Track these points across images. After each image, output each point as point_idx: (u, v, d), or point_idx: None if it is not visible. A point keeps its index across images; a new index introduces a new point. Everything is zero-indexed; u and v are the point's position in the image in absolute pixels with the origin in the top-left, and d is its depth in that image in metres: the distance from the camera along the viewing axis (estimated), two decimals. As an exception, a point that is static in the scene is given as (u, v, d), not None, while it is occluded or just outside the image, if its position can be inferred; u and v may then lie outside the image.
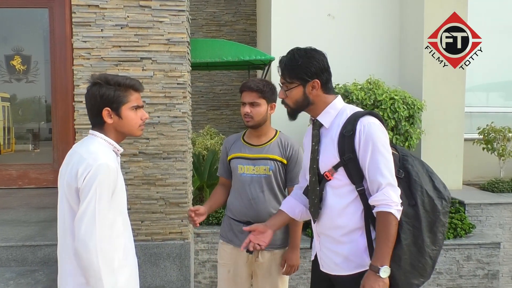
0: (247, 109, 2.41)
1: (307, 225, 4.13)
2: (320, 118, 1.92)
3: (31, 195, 5.65)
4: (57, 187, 1.92)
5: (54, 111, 6.03)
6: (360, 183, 1.82)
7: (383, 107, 3.89)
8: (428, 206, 1.83)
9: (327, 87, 1.92)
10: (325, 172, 1.88)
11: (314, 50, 1.93)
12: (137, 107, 1.94)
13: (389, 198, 1.72)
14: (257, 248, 2.07)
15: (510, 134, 4.85)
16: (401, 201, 1.75)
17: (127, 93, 1.90)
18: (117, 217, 1.86)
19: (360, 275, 1.82)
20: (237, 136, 2.62)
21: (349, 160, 1.81)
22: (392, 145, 1.94)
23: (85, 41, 3.24)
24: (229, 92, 6.75)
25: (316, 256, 2.06)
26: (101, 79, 1.88)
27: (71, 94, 6.02)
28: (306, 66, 1.86)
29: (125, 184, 3.20)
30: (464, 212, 4.13)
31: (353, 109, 1.91)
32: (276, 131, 2.58)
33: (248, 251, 2.36)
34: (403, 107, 3.92)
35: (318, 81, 1.87)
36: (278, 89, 2.04)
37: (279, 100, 2.08)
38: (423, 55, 4.61)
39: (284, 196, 2.51)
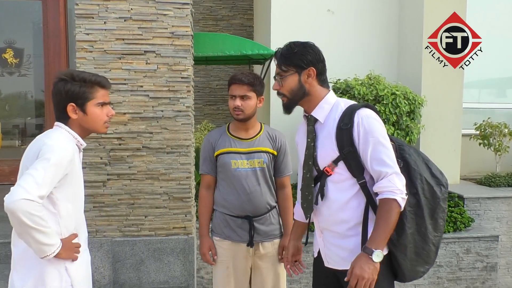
0: (237, 102, 2.40)
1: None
2: (315, 113, 1.92)
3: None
4: None
5: (48, 106, 5.95)
6: (361, 176, 1.82)
7: (384, 102, 3.91)
8: (428, 193, 1.85)
9: (322, 79, 1.93)
10: (325, 167, 1.87)
11: (312, 43, 1.95)
12: (103, 104, 1.94)
13: (394, 185, 1.72)
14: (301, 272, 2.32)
15: (506, 130, 4.92)
16: (406, 191, 1.76)
17: (93, 89, 1.90)
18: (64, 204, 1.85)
19: None
20: (221, 131, 2.58)
21: (349, 154, 1.81)
22: (388, 135, 1.95)
23: (87, 34, 3.19)
24: (225, 87, 6.66)
25: (319, 253, 2.05)
26: (67, 75, 1.89)
27: (65, 89, 5.95)
28: (302, 54, 1.88)
29: (128, 179, 3.28)
30: (463, 206, 4.19)
31: (347, 102, 1.91)
32: (261, 123, 2.60)
33: (248, 244, 2.45)
34: (404, 102, 3.94)
35: (314, 69, 1.87)
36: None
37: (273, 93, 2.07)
38: (422, 51, 4.64)
39: (274, 186, 2.57)
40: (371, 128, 1.78)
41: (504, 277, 4.36)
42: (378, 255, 1.71)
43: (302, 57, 1.87)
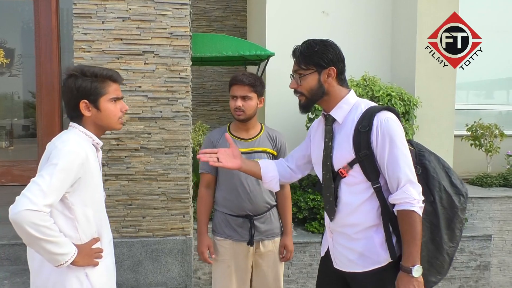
0: (239, 102, 2.42)
1: (305, 221, 4.16)
2: (333, 113, 1.87)
3: (16, 193, 5.42)
4: None
5: (39, 106, 5.88)
6: (376, 180, 1.78)
7: (380, 103, 3.95)
8: (446, 202, 1.81)
9: (342, 78, 1.88)
10: (339, 169, 1.83)
11: (331, 41, 1.90)
12: (116, 99, 1.87)
13: (410, 196, 1.68)
14: (215, 163, 1.99)
15: (497, 131, 5.01)
16: (422, 198, 1.72)
17: (104, 84, 1.83)
18: (81, 208, 1.77)
19: (377, 272, 1.80)
20: (222, 131, 2.59)
21: (365, 157, 1.76)
22: (408, 140, 1.88)
23: (85, 33, 3.17)
24: (219, 88, 6.72)
25: (327, 252, 2.04)
26: (77, 70, 1.81)
27: (57, 89, 5.89)
28: (323, 53, 1.82)
29: (126, 180, 3.26)
30: (457, 206, 4.24)
31: (368, 103, 1.86)
32: (261, 124, 2.62)
33: (249, 243, 2.47)
34: (400, 103, 3.99)
35: (335, 69, 1.82)
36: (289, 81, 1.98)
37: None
38: (416, 53, 4.69)
39: None
40: (390, 132, 1.72)
41: (496, 276, 4.43)
42: (418, 270, 1.68)
43: (323, 56, 1.82)
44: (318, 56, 1.82)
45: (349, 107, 1.85)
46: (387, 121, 1.74)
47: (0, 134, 6.21)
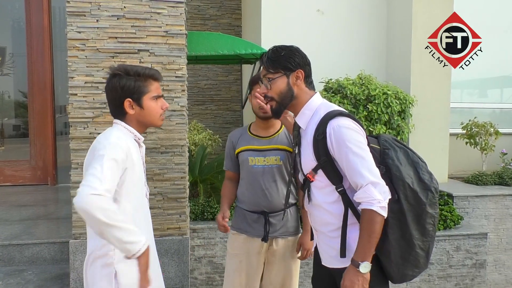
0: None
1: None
2: (297, 119, 1.94)
3: (8, 193, 5.43)
4: (34, 185, 1.88)
5: (31, 106, 5.81)
6: (339, 184, 1.83)
7: (376, 101, 3.95)
8: (412, 199, 1.81)
9: (309, 81, 1.95)
10: (307, 174, 1.91)
11: (296, 46, 1.97)
12: (158, 97, 1.93)
13: (370, 195, 1.71)
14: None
15: (492, 129, 5.03)
16: (389, 196, 1.74)
17: (147, 83, 1.89)
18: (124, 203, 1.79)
19: None
20: (243, 130, 2.65)
21: (325, 163, 1.82)
22: (375, 136, 1.97)
23: (79, 32, 3.13)
24: (213, 87, 6.69)
25: (316, 248, 2.12)
26: (121, 69, 1.86)
27: (49, 88, 5.83)
28: (290, 56, 1.89)
29: None
30: (453, 204, 4.25)
31: (327, 108, 1.88)
32: (281, 123, 2.62)
33: (263, 239, 2.48)
34: (396, 102, 3.99)
35: (302, 71, 1.89)
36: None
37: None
38: (411, 51, 4.70)
39: (294, 184, 2.57)
40: (343, 138, 1.76)
41: (492, 274, 4.45)
42: (366, 266, 1.72)
43: (290, 59, 1.88)
44: (285, 60, 1.89)
45: (311, 112, 1.91)
46: (339, 128, 1.78)
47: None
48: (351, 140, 1.75)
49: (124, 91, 1.84)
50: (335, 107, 1.91)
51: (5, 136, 6.20)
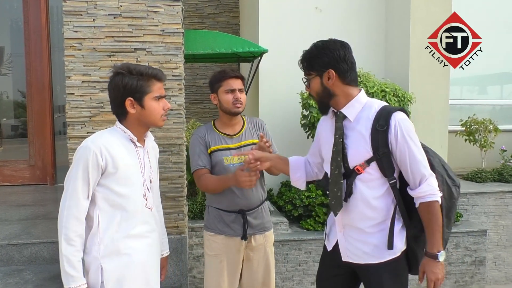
0: (239, 94, 2.48)
1: (299, 218, 4.14)
2: (345, 110, 1.92)
3: (7, 193, 5.43)
4: (33, 184, 1.96)
5: (30, 106, 5.80)
6: (392, 176, 1.87)
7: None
8: (447, 193, 1.92)
9: (346, 78, 1.91)
10: (355, 166, 1.89)
11: (333, 41, 1.95)
12: (160, 97, 1.92)
13: (434, 188, 1.81)
14: (257, 168, 2.20)
15: (491, 126, 5.01)
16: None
17: (149, 82, 1.88)
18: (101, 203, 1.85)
19: (391, 262, 1.90)
20: (208, 128, 2.61)
21: (384, 155, 1.84)
22: None
23: (76, 31, 3.12)
24: (212, 86, 6.67)
25: (335, 246, 2.08)
26: (124, 68, 1.86)
27: (47, 88, 5.82)
28: (318, 57, 1.90)
29: None
30: (452, 202, 4.24)
31: (381, 103, 1.93)
32: (241, 116, 2.66)
33: (242, 237, 2.49)
34: (394, 99, 3.98)
35: (333, 71, 1.88)
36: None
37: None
38: (409, 49, 4.69)
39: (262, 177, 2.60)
40: (408, 132, 1.82)
41: (492, 271, 4.45)
42: (443, 255, 1.83)
43: (318, 60, 1.90)
44: (315, 61, 1.92)
45: (360, 105, 1.91)
46: (404, 121, 1.83)
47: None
48: (414, 135, 1.84)
49: (126, 90, 1.84)
50: (387, 103, 1.98)
51: (4, 136, 6.19)
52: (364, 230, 1.94)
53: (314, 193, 4.04)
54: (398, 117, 1.83)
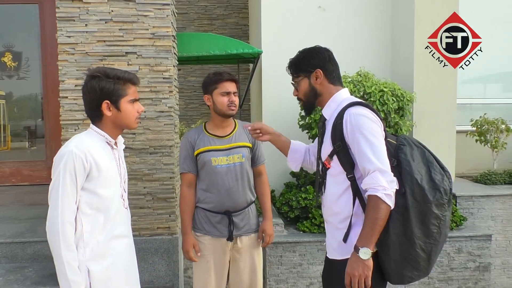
0: (234, 98, 2.52)
1: (297, 220, 4.11)
2: (323, 111, 2.05)
3: (24, 192, 5.64)
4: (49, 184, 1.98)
5: (46, 108, 6.01)
6: (351, 171, 1.89)
7: (372, 99, 3.86)
8: (419, 196, 1.80)
9: (332, 77, 2.02)
10: (324, 160, 2.00)
11: (317, 46, 2.08)
12: (134, 100, 1.99)
13: (376, 182, 1.75)
14: (257, 136, 2.30)
15: (503, 126, 4.82)
16: (396, 187, 1.78)
17: (125, 86, 1.94)
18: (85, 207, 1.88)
19: None
20: (199, 131, 2.66)
21: (340, 148, 1.90)
22: (395, 134, 2.10)
23: (69, 36, 3.22)
24: (209, 88, 6.73)
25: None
26: (100, 72, 1.92)
27: (63, 90, 6.01)
28: (307, 58, 2.03)
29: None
30: (456, 205, 4.11)
31: (350, 100, 1.97)
32: (234, 120, 2.68)
33: (228, 238, 2.53)
34: (392, 99, 3.89)
35: (320, 71, 1.99)
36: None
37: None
38: (414, 47, 4.57)
39: (252, 183, 2.67)
40: (358, 124, 1.83)
41: (500, 277, 4.27)
42: (366, 253, 1.76)
43: (307, 62, 2.02)
44: (303, 63, 2.04)
45: (336, 104, 1.98)
46: (356, 115, 1.85)
47: (23, 134, 6.39)
48: (365, 127, 1.83)
49: (103, 93, 1.89)
50: (360, 100, 2.00)
51: (38, 136, 6.46)
52: (334, 224, 1.98)
53: (311, 195, 4.00)
54: (351, 111, 1.87)
